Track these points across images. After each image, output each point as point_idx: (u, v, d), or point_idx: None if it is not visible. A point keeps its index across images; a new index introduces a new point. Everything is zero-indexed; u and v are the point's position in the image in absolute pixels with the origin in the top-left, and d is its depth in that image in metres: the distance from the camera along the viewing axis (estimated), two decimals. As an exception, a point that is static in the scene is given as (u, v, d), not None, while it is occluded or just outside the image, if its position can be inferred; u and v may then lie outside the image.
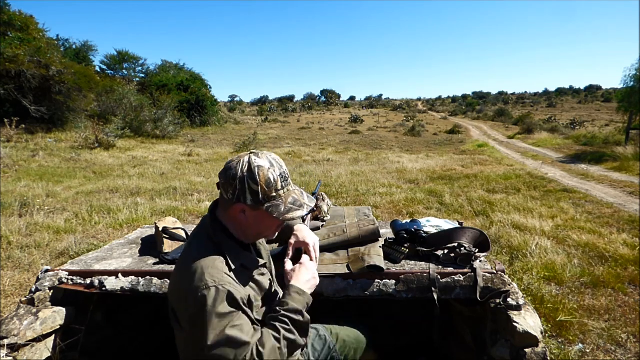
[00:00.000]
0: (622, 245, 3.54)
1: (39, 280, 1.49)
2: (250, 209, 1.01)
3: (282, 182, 1.02)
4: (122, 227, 4.16)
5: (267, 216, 1.02)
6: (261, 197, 0.99)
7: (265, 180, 0.99)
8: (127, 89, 18.38)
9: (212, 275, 0.92)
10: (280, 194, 1.02)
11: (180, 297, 0.95)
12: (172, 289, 1.03)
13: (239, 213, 1.03)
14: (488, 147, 13.24)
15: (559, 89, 79.37)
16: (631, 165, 8.00)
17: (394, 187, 6.39)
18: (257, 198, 0.99)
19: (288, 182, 1.06)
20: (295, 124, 26.24)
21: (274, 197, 1.01)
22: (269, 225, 1.07)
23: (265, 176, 0.99)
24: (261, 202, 1.00)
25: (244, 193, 0.99)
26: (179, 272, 1.01)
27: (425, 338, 1.81)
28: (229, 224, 1.06)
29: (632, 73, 10.87)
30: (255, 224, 1.04)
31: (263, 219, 1.04)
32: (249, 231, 1.07)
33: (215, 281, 0.91)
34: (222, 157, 10.55)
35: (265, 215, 1.02)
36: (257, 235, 1.10)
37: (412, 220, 1.68)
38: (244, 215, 1.03)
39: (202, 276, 0.92)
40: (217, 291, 0.90)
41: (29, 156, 8.59)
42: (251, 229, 1.06)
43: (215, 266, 0.95)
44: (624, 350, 2.13)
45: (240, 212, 1.03)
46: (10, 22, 12.82)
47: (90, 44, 24.65)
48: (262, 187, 0.99)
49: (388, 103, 68.30)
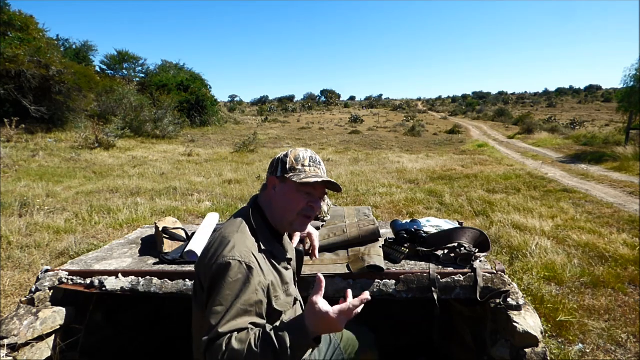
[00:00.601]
0: (622, 245, 3.54)
1: (39, 280, 1.49)
2: (279, 181, 1.12)
3: (310, 162, 1.13)
4: (122, 227, 4.16)
5: (292, 188, 1.09)
6: (288, 167, 1.10)
7: (295, 155, 1.13)
8: (127, 89, 18.37)
9: (240, 250, 0.99)
10: (306, 169, 1.11)
11: (209, 262, 1.00)
12: (203, 255, 1.07)
13: (271, 189, 1.14)
14: (488, 147, 13.24)
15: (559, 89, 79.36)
16: (631, 165, 8.00)
17: (394, 187, 6.39)
18: (285, 168, 1.11)
19: (317, 164, 1.14)
20: (295, 124, 26.24)
21: (299, 170, 1.10)
22: (294, 199, 1.10)
23: (296, 153, 1.14)
24: (287, 172, 1.10)
25: (277, 167, 1.13)
26: (214, 241, 1.07)
27: (425, 338, 1.81)
28: (266, 207, 1.15)
29: (632, 73, 10.88)
30: (283, 199, 1.11)
31: (289, 191, 1.10)
32: (279, 208, 1.12)
33: (242, 256, 0.98)
34: (222, 157, 10.55)
35: (289, 187, 1.10)
36: (285, 212, 1.12)
37: (412, 220, 1.68)
38: (274, 192, 1.13)
39: (232, 249, 0.99)
40: (240, 266, 0.96)
41: (29, 156, 8.59)
42: (281, 204, 1.11)
43: (245, 244, 1.02)
44: (624, 350, 2.13)
45: (272, 187, 1.13)
46: (10, 22, 12.81)
47: (90, 44, 24.65)
48: (290, 159, 1.12)
49: (388, 103, 68.31)
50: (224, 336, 0.88)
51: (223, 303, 0.92)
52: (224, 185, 6.64)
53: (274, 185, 1.13)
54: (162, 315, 2.03)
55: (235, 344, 0.86)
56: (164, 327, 2.04)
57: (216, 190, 6.20)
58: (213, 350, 0.87)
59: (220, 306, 0.92)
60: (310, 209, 1.12)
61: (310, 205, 1.12)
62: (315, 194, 1.12)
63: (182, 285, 1.41)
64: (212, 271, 0.97)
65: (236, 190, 6.13)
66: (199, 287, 1.04)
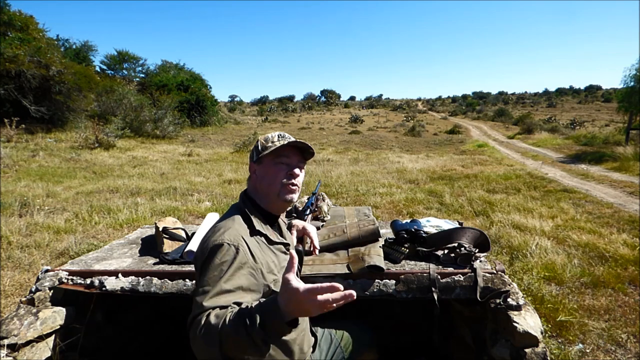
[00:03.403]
0: (622, 245, 3.54)
1: (39, 280, 1.49)
2: (256, 164, 1.18)
3: (279, 138, 1.16)
4: (122, 227, 4.16)
5: (269, 164, 1.15)
6: (260, 149, 1.16)
7: (264, 137, 1.19)
8: (127, 89, 18.36)
9: (229, 234, 1.03)
10: (276, 143, 1.15)
11: (201, 249, 1.06)
12: (198, 248, 1.11)
13: (253, 175, 1.19)
14: (488, 147, 13.23)
15: (559, 89, 79.32)
16: (631, 165, 8.00)
17: (394, 187, 6.39)
18: (258, 151, 1.17)
19: (286, 137, 1.17)
20: (295, 124, 26.23)
21: (269, 146, 1.15)
22: (273, 173, 1.15)
23: (265, 136, 1.19)
24: (260, 152, 1.16)
25: (252, 154, 1.20)
26: (207, 234, 1.11)
27: (425, 338, 1.81)
28: (254, 193, 1.20)
29: (632, 73, 10.87)
30: (264, 177, 1.16)
31: (266, 168, 1.16)
32: (264, 187, 1.17)
33: (230, 240, 1.01)
34: (222, 157, 10.54)
35: (267, 164, 1.15)
36: (269, 187, 1.16)
37: (412, 220, 1.68)
38: (255, 176, 1.18)
39: (222, 234, 1.03)
40: (228, 248, 1.00)
41: (29, 156, 8.59)
42: (264, 184, 1.16)
43: (235, 229, 1.06)
44: (624, 350, 2.13)
45: (253, 173, 1.19)
46: (10, 22, 12.80)
47: (90, 44, 24.61)
48: (261, 142, 1.18)
49: (388, 103, 68.29)
50: (205, 311, 0.89)
51: (210, 283, 0.95)
52: (224, 185, 6.64)
53: (254, 171, 1.19)
54: (162, 315, 2.03)
55: (213, 318, 0.87)
56: (164, 327, 2.04)
57: (216, 190, 6.20)
58: (194, 325, 0.89)
59: (207, 286, 0.94)
60: (291, 176, 1.16)
61: (290, 173, 1.16)
62: (291, 162, 1.17)
63: (182, 285, 1.41)
64: (203, 256, 1.01)
65: (236, 190, 6.13)
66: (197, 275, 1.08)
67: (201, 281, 0.97)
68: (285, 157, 1.15)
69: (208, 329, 0.85)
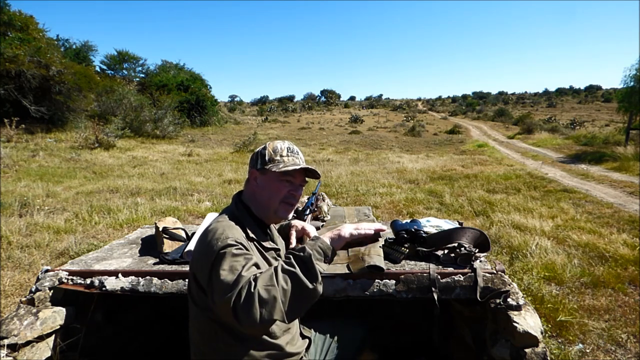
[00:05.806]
0: (622, 245, 3.54)
1: (39, 280, 1.48)
2: (260, 173, 1.16)
3: (288, 152, 1.16)
4: (122, 227, 4.15)
5: (273, 178, 1.14)
6: (267, 159, 1.15)
7: (273, 147, 1.17)
8: (127, 89, 18.35)
9: (232, 233, 1.03)
10: (285, 159, 1.15)
11: (202, 251, 1.03)
12: (195, 250, 1.11)
13: (253, 182, 1.17)
14: (488, 147, 13.23)
15: (559, 89, 79.32)
16: (631, 165, 8.00)
17: (394, 187, 6.39)
18: (264, 160, 1.15)
19: (295, 153, 1.18)
20: (295, 124, 26.23)
21: (278, 160, 1.14)
22: (276, 188, 1.15)
23: (274, 145, 1.18)
24: (266, 163, 1.14)
25: (256, 160, 1.17)
26: (202, 235, 1.09)
27: (425, 338, 1.81)
28: (250, 200, 1.18)
29: (632, 73, 10.87)
30: (264, 189, 1.15)
31: (269, 182, 1.15)
32: (262, 199, 1.16)
33: (234, 237, 1.01)
34: (222, 157, 10.54)
35: (270, 177, 1.14)
36: (268, 201, 1.15)
37: (412, 220, 1.67)
38: (256, 183, 1.17)
39: (222, 233, 1.02)
40: (235, 244, 0.99)
41: (29, 156, 8.59)
42: (263, 195, 1.16)
43: (233, 227, 1.07)
44: (624, 350, 2.13)
45: (253, 179, 1.17)
46: (10, 22, 12.80)
47: (90, 44, 24.61)
48: (269, 151, 1.16)
49: (388, 103, 68.29)
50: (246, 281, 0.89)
51: (233, 271, 0.92)
52: (224, 185, 6.64)
53: (255, 178, 1.17)
54: (162, 315, 2.03)
55: (265, 275, 0.91)
56: (164, 327, 2.04)
57: (216, 190, 6.20)
58: (245, 297, 0.87)
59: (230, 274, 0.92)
60: (292, 197, 1.17)
61: (292, 193, 1.16)
62: (295, 181, 1.17)
63: (182, 285, 1.41)
64: (211, 255, 0.97)
65: (236, 190, 6.10)
66: (193, 283, 1.06)
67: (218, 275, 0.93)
68: (290, 175, 1.15)
69: (267, 282, 0.89)
